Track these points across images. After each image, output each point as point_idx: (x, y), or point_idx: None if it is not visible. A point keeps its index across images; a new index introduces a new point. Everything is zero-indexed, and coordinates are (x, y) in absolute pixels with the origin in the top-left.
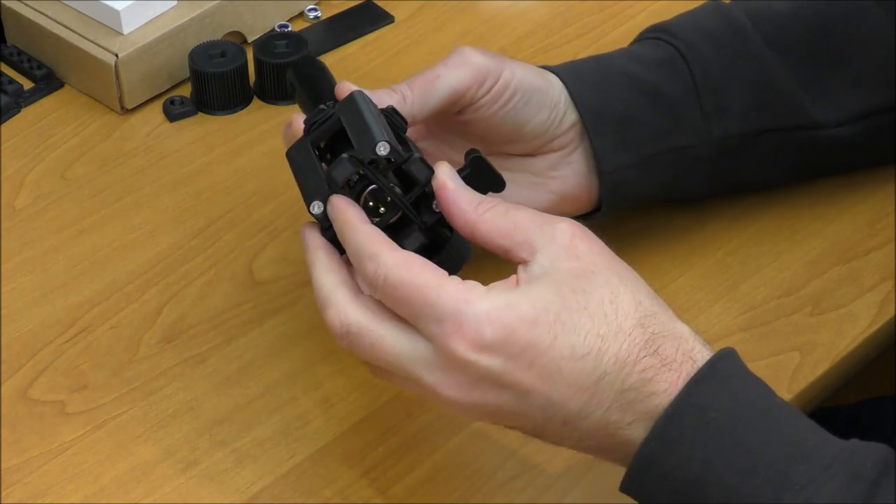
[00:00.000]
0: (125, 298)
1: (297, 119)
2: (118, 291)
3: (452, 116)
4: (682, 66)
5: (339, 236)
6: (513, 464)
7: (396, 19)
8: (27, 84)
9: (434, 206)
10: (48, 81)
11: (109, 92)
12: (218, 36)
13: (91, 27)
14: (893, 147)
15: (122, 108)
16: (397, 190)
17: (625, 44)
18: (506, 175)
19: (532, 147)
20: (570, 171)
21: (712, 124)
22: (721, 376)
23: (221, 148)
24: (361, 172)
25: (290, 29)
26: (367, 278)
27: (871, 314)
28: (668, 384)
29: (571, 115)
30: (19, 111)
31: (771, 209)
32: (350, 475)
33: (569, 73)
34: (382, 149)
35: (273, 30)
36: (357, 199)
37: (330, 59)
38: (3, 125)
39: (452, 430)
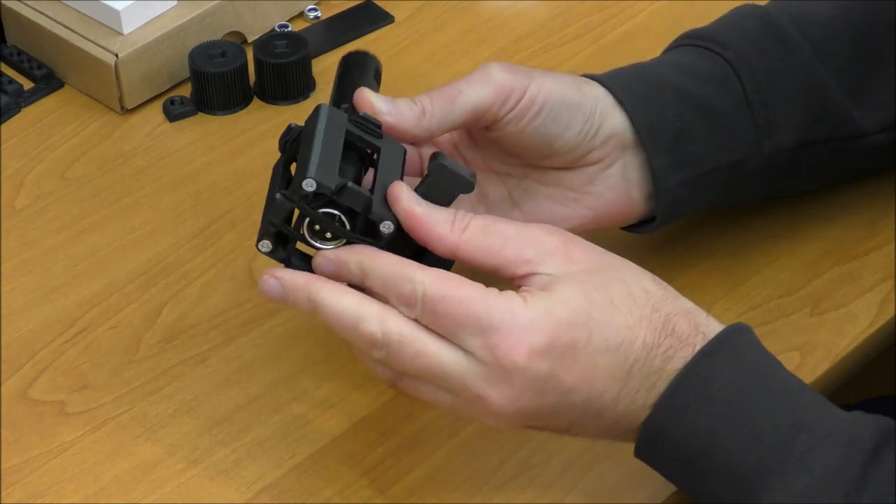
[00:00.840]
0: (125, 298)
1: None
2: (118, 291)
3: (482, 132)
4: (734, 80)
5: (358, 276)
6: (513, 464)
7: (396, 19)
8: (27, 84)
9: (382, 228)
10: (48, 81)
11: (109, 92)
12: (218, 36)
13: (91, 27)
14: None
15: (122, 108)
16: (336, 222)
17: (625, 44)
18: (542, 190)
19: (567, 161)
20: (607, 186)
21: (763, 139)
22: (728, 349)
23: (221, 148)
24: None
25: (290, 29)
26: (403, 299)
27: (871, 314)
28: (684, 360)
29: (607, 128)
30: (19, 111)
31: (771, 209)
32: (350, 475)
33: (616, 84)
34: (308, 186)
35: (273, 30)
36: (300, 227)
37: (330, 60)
38: (3, 125)
39: (452, 430)
